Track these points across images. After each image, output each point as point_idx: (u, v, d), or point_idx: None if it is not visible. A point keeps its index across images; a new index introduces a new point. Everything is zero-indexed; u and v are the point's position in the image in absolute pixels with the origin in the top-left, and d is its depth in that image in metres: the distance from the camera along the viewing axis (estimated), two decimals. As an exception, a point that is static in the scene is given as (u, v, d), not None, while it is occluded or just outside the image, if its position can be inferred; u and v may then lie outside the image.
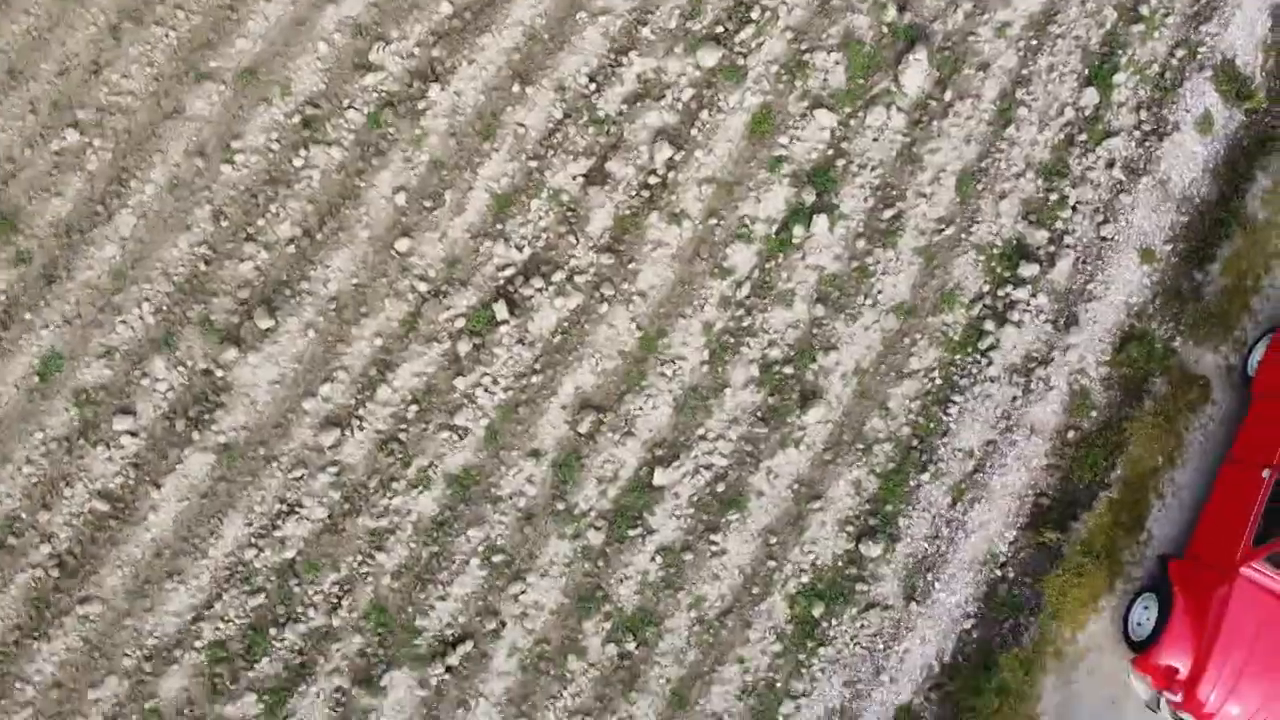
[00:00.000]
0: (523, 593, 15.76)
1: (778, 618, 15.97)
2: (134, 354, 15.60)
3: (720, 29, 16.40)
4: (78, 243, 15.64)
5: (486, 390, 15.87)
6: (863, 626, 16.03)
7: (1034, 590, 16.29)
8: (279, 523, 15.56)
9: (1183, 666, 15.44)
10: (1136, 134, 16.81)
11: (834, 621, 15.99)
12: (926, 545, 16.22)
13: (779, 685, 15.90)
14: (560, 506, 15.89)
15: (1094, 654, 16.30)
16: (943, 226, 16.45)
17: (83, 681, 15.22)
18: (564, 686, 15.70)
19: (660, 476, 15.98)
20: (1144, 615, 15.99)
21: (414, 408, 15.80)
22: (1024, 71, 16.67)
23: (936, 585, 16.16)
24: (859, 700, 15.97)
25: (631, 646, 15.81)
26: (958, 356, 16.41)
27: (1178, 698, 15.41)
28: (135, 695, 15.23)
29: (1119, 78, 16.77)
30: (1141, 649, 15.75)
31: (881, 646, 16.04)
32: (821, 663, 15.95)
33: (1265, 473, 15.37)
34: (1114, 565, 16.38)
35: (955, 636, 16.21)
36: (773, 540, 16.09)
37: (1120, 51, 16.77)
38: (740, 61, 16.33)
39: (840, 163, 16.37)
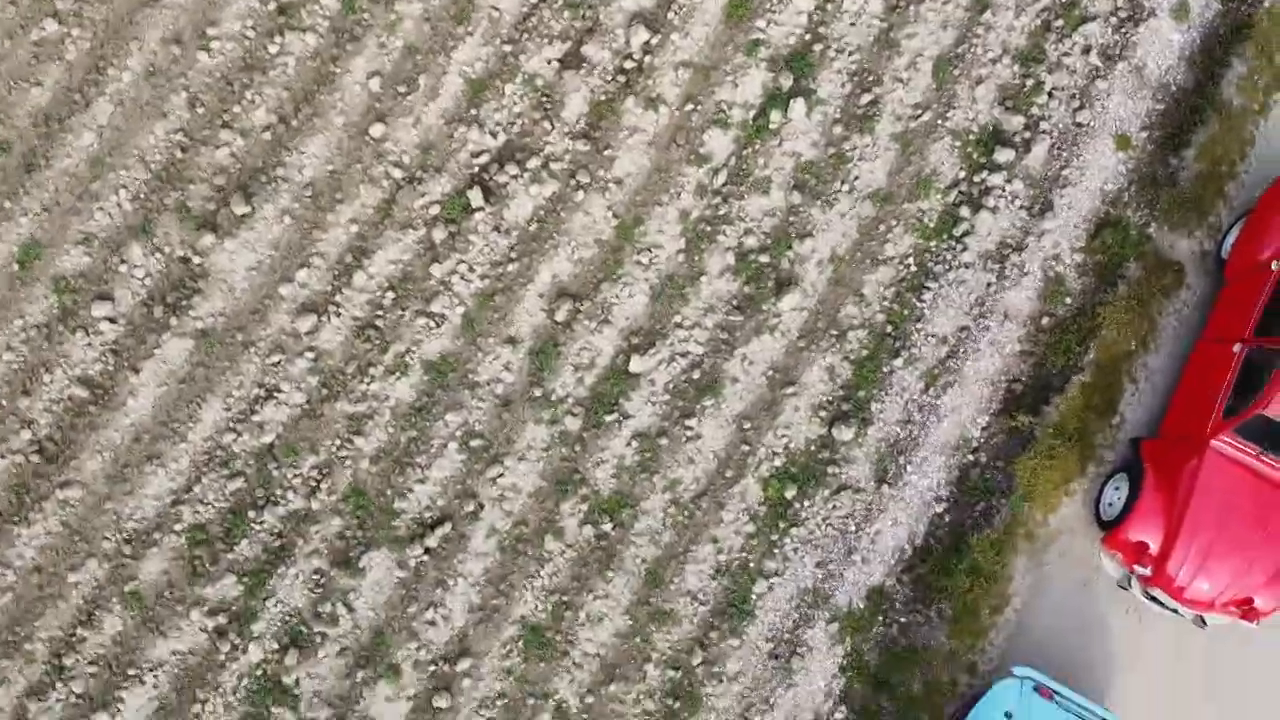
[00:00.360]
0: (501, 476, 15.28)
1: (751, 500, 15.51)
2: (112, 241, 15.15)
3: (697, -86, 15.69)
4: (56, 131, 15.23)
5: (463, 278, 15.31)
6: (834, 508, 15.57)
7: (1006, 474, 15.82)
8: (257, 407, 15.09)
9: (1153, 542, 14.98)
10: (1113, 20, 16.15)
11: (806, 503, 15.54)
12: (898, 430, 15.71)
13: (752, 565, 15.46)
14: (537, 393, 15.37)
15: (1065, 536, 15.85)
16: (919, 112, 15.82)
17: (63, 565, 14.84)
18: (541, 566, 15.27)
19: (637, 364, 15.45)
20: (1115, 496, 15.51)
21: (390, 294, 15.25)
22: (1002, -44, 15.98)
23: (908, 468, 15.67)
24: (831, 580, 15.54)
25: (608, 528, 15.36)
26: (933, 243, 15.82)
27: (1147, 571, 14.92)
28: (115, 578, 14.84)
29: (1097, -38, 16.10)
30: (1113, 528, 15.25)
31: (853, 528, 15.58)
32: (794, 543, 15.50)
33: (1236, 347, 14.82)
34: (1086, 449, 15.88)
35: (927, 520, 15.75)
36: (747, 425, 15.59)
37: (1098, -63, 16.08)
38: (716, -56, 15.63)
39: (818, 47, 15.71)
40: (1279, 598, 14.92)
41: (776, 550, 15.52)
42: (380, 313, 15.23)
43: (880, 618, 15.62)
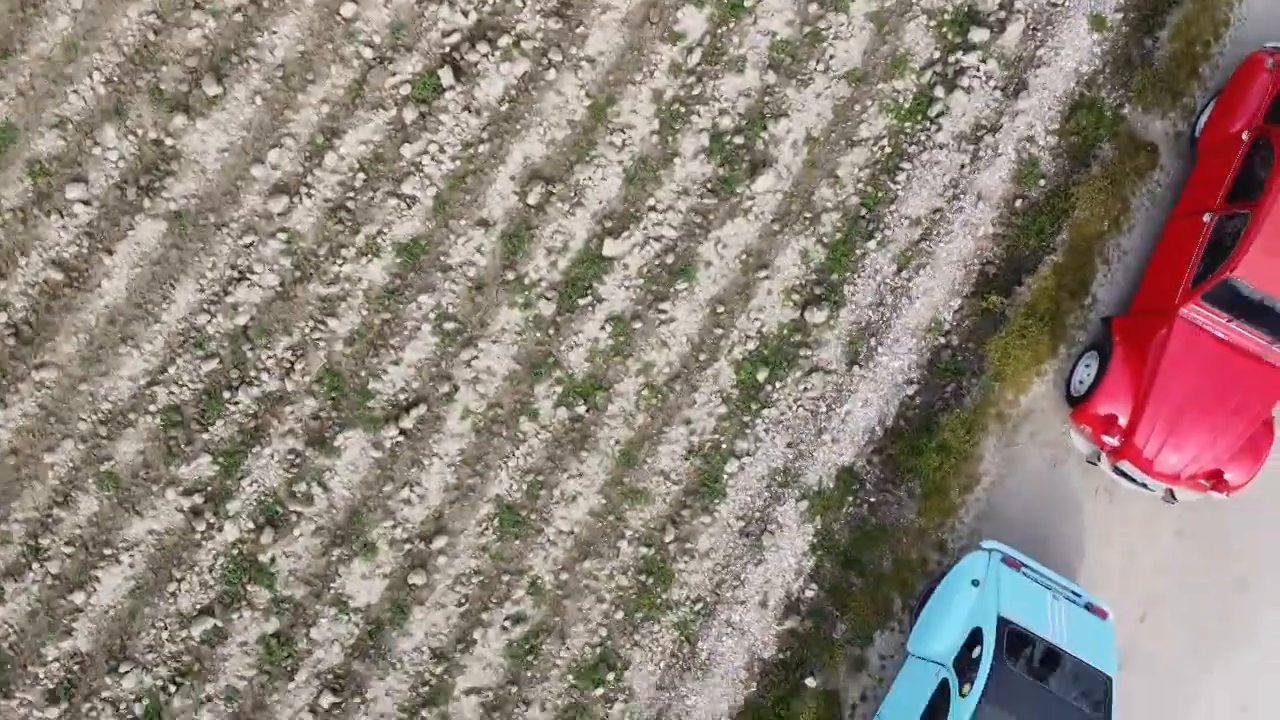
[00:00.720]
0: (475, 359, 14.87)
1: (723, 382, 15.10)
2: (86, 124, 14.66)
3: None
4: (31, 16, 14.64)
5: (434, 159, 14.80)
6: (805, 390, 15.16)
7: (977, 355, 15.43)
8: (230, 289, 14.64)
9: (1121, 414, 14.57)
10: (1090, -101, 15.55)
11: (778, 385, 15.14)
12: (870, 312, 15.28)
13: (724, 446, 15.09)
14: (510, 276, 14.91)
15: (1036, 417, 15.46)
16: (894, -10, 15.25)
17: (39, 446, 14.43)
18: (516, 447, 14.90)
19: (610, 247, 14.98)
20: (1086, 373, 15.10)
21: (361, 176, 14.76)
22: None
23: (879, 350, 15.26)
24: (801, 460, 15.18)
25: (582, 410, 14.96)
26: (907, 124, 15.30)
27: (1115, 441, 14.50)
28: (91, 459, 14.45)
29: None
30: (1082, 402, 14.82)
31: (824, 409, 15.20)
32: (765, 424, 15.12)
33: (1206, 217, 14.34)
34: (1057, 329, 15.46)
35: (898, 401, 15.36)
36: (720, 309, 15.15)
37: None
38: None
39: (791, -76, 15.11)
40: (1249, 470, 14.57)
41: (748, 431, 15.13)
42: (351, 194, 14.74)
43: (850, 497, 15.27)
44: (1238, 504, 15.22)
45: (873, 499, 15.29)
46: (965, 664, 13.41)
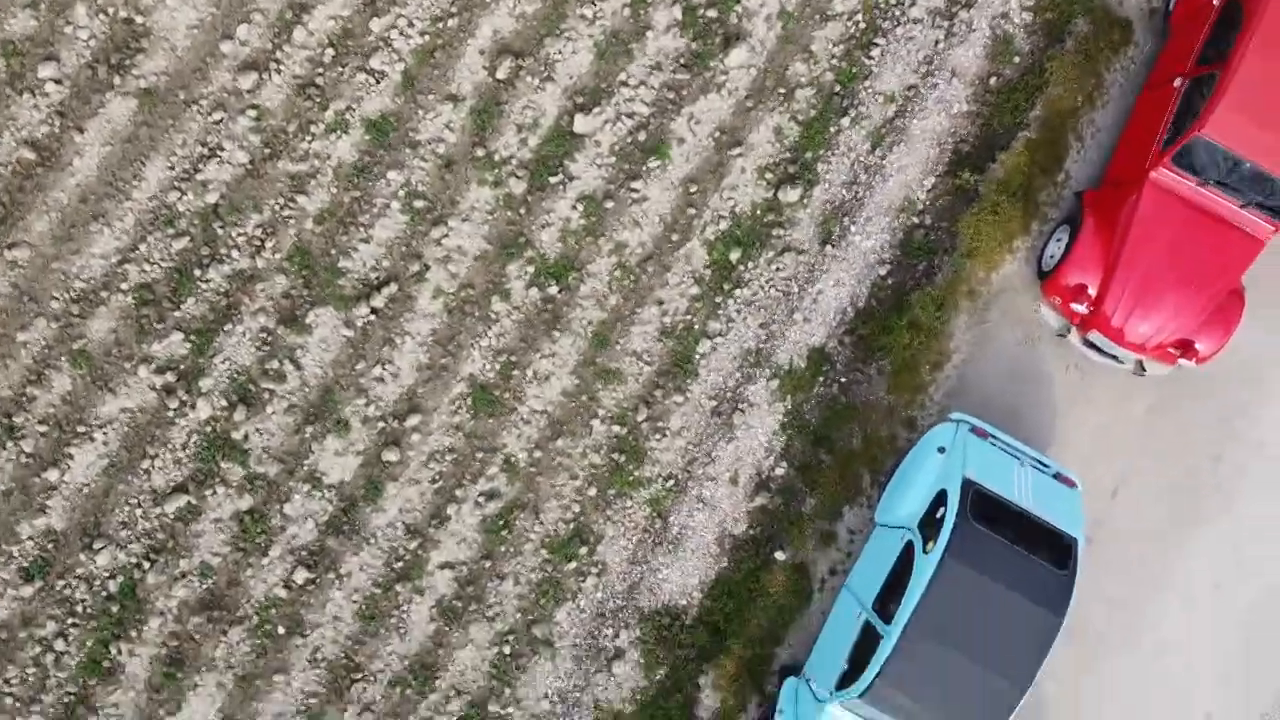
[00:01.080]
0: (445, 237, 14.61)
1: (696, 263, 14.83)
2: (57, 3, 14.31)
3: None
4: (-2, -103, 14.21)
5: (402, 33, 14.47)
6: (778, 269, 14.89)
7: (950, 234, 15.08)
8: (200, 166, 14.37)
9: (1091, 285, 14.25)
10: None
11: (750, 265, 14.87)
12: (844, 191, 14.96)
13: (696, 326, 14.85)
14: (480, 153, 14.62)
15: (1008, 295, 15.16)
16: None
17: (12, 325, 14.24)
18: (489, 327, 14.67)
19: (581, 123, 14.66)
20: (1057, 248, 14.76)
21: (330, 51, 14.43)
22: None
23: (852, 229, 14.95)
24: (773, 340, 14.93)
25: (554, 290, 14.71)
26: (881, -2, 14.93)
27: (1084, 309, 14.19)
28: (63, 337, 14.26)
29: None
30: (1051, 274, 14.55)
31: (796, 289, 14.92)
32: (737, 304, 14.86)
33: (1176, 82, 13.97)
34: (1030, 206, 15.12)
35: (869, 282, 15.06)
36: (693, 188, 14.85)
37: None
38: None
39: None
40: (1219, 340, 14.27)
41: (720, 311, 14.88)
42: (320, 70, 14.42)
43: (821, 377, 15.02)
44: (1211, 377, 14.96)
45: (843, 378, 15.05)
46: (930, 524, 13.23)
